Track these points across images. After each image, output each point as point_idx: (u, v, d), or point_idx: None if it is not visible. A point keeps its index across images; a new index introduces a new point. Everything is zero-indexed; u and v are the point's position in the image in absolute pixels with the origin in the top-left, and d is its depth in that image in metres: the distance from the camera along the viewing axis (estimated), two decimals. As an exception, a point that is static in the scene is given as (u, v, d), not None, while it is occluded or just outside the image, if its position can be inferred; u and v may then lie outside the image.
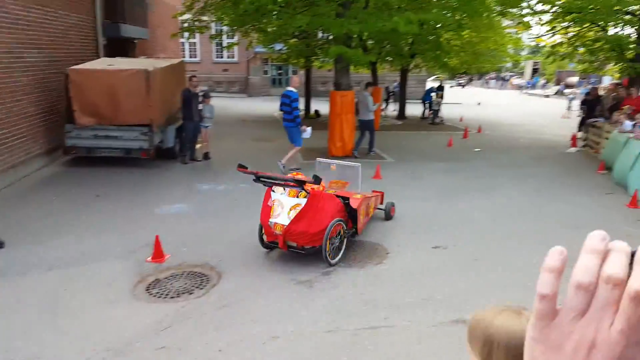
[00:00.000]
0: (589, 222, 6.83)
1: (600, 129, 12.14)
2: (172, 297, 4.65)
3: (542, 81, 47.84)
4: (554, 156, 12.28)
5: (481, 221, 6.89)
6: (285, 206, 5.16)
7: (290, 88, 9.42)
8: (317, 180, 5.04)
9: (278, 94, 30.64)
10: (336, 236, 5.34)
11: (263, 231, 5.47)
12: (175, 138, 10.39)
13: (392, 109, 22.67)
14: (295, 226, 5.05)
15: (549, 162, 11.35)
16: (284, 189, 5.23)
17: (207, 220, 6.76)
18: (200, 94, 10.65)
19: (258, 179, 5.32)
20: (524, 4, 13.82)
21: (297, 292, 4.76)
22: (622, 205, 7.66)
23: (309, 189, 5.12)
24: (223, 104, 22.15)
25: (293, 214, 5.07)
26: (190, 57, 30.90)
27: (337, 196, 5.69)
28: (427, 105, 20.10)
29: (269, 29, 15.12)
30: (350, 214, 5.71)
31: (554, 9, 13.76)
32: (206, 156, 10.65)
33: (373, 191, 6.86)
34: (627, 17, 12.86)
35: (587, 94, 15.63)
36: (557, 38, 15.69)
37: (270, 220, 5.20)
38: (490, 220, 6.95)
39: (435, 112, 18.90)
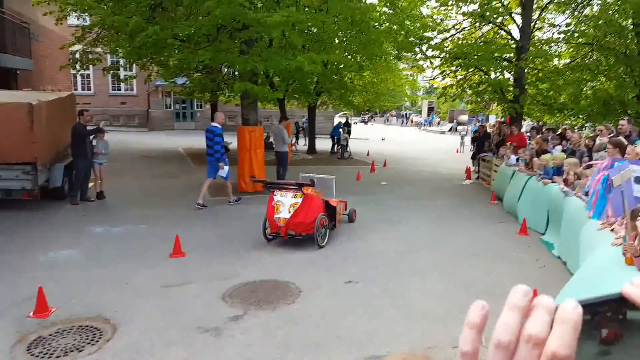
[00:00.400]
0: (487, 250, 7.23)
1: (489, 162, 13.22)
2: (58, 357, 4.05)
3: (437, 119, 51.76)
4: (451, 188, 13.09)
5: (390, 253, 7.00)
6: (286, 205, 6.94)
7: (214, 124, 9.57)
8: (312, 183, 7.29)
9: (182, 128, 30.40)
10: (322, 227, 7.13)
11: (267, 225, 7.16)
12: (64, 176, 9.49)
13: (303, 143, 23.14)
14: (295, 218, 6.83)
15: (447, 194, 12.05)
16: (284, 192, 7.05)
17: (100, 267, 6.12)
18: (102, 125, 10.02)
19: (266, 185, 7.43)
20: (417, 49, 14.90)
21: (203, 341, 4.39)
22: (513, 233, 8.25)
23: (305, 190, 7.00)
24: (121, 139, 20.94)
25: (292, 210, 6.85)
26: (84, 89, 29.13)
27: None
28: (336, 140, 20.81)
29: (171, 63, 14.69)
30: (330, 212, 7.58)
31: (443, 54, 15.01)
32: (100, 195, 9.85)
33: (338, 200, 8.25)
34: (505, 63, 14.39)
35: (476, 131, 17.08)
36: (448, 80, 17.07)
37: (275, 215, 6.94)
38: (398, 252, 7.09)
39: (344, 147, 19.61)
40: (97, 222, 8.22)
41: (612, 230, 4.72)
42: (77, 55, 14.14)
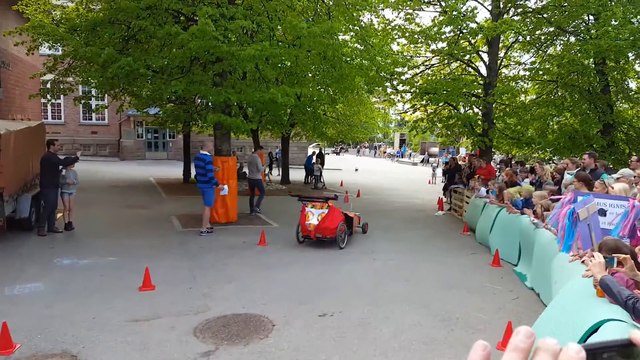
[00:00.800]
0: (460, 282, 7.28)
1: (461, 194, 13.47)
2: (16, 400, 3.84)
3: (409, 151, 52.86)
4: (424, 218, 13.23)
5: (364, 285, 6.97)
6: (315, 214, 8.89)
7: (204, 152, 9.89)
8: (336, 197, 9.45)
9: (154, 158, 30.00)
10: (342, 233, 9.01)
11: (300, 230, 9.10)
12: (31, 207, 9.19)
13: (276, 174, 23.18)
14: (322, 224, 8.75)
15: (421, 224, 12.18)
16: (313, 204, 9.01)
17: (67, 301, 5.88)
18: (79, 155, 9.94)
19: (300, 198, 9.30)
20: (388, 84, 15.28)
21: (174, 379, 4.24)
22: (486, 264, 8.35)
23: (330, 203, 9.01)
24: (92, 168, 20.54)
25: (320, 217, 8.81)
26: (54, 118, 28.67)
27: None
28: (310, 170, 20.95)
29: (143, 93, 14.62)
30: (348, 222, 9.46)
31: (413, 89, 15.43)
32: (68, 226, 9.56)
33: (354, 213, 10.10)
34: (474, 98, 14.87)
35: (447, 163, 17.47)
36: (418, 114, 17.49)
37: (307, 222, 8.86)
38: (372, 283, 7.07)
39: (317, 178, 19.74)
40: (65, 254, 7.95)
41: (582, 262, 4.84)
42: (49, 85, 13.96)
